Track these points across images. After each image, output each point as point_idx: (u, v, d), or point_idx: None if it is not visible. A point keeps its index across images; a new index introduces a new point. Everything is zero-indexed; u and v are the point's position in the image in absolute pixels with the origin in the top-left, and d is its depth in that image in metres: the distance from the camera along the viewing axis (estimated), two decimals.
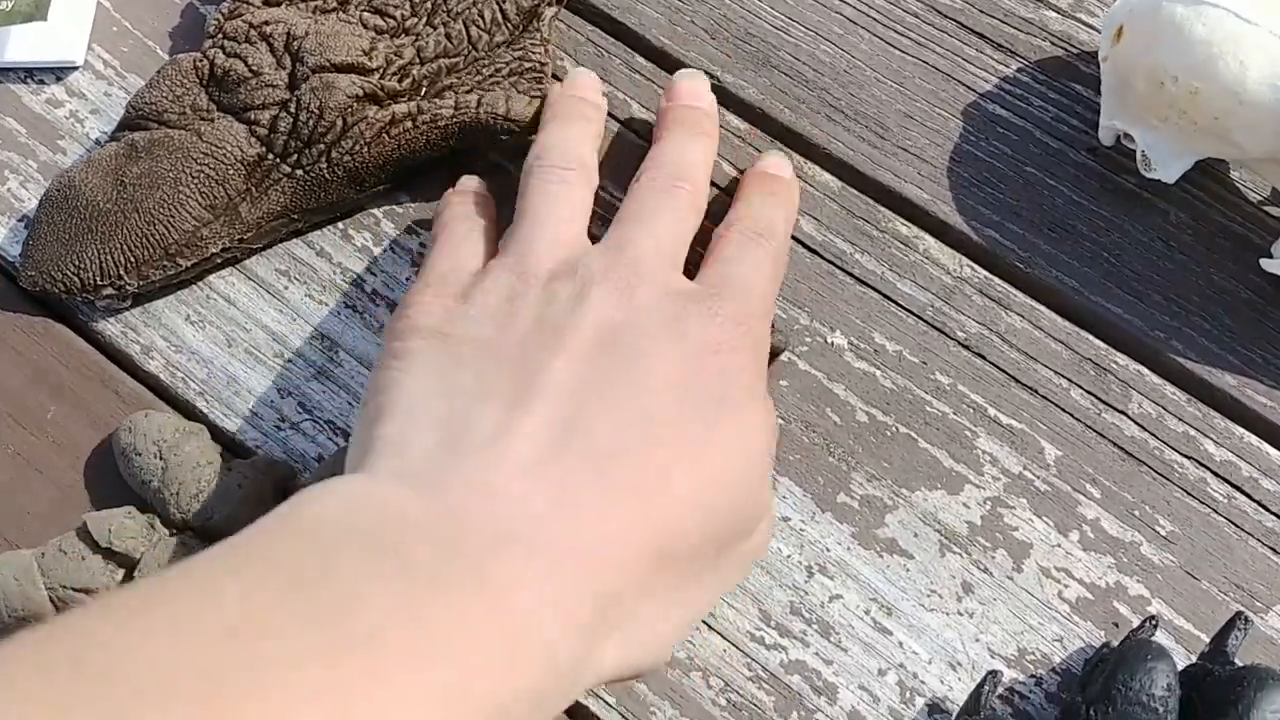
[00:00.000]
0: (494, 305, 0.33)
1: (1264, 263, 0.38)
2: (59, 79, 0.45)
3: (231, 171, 0.40)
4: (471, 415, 0.30)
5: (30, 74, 0.45)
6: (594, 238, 0.36)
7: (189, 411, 0.40)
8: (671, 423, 0.31)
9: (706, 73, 0.43)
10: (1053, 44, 0.43)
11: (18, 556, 0.36)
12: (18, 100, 0.45)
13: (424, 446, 0.30)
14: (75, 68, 0.45)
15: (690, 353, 0.32)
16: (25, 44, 0.45)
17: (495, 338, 0.32)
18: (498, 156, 0.42)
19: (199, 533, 0.37)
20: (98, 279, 0.40)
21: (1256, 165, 0.38)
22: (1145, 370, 0.38)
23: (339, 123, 0.40)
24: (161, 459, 0.38)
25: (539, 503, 0.29)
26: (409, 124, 0.40)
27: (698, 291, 0.34)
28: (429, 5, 0.42)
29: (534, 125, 0.40)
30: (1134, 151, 0.39)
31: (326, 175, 0.40)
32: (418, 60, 0.41)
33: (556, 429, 0.30)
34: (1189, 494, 0.36)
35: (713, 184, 0.40)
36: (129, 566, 0.37)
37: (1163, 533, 0.36)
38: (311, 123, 0.40)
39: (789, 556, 0.37)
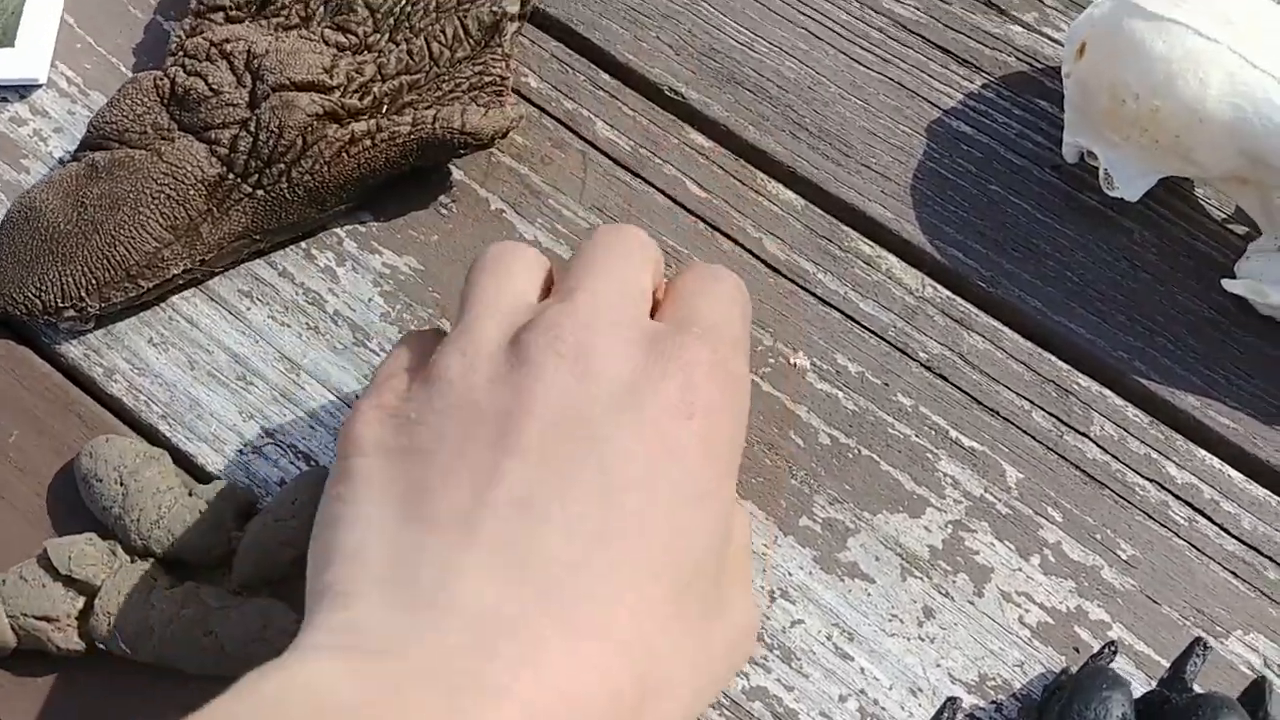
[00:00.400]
0: (438, 396, 0.30)
1: (1226, 283, 0.38)
2: (22, 97, 0.45)
3: (192, 192, 0.40)
4: (416, 554, 0.28)
5: None
6: None
7: (152, 435, 0.40)
8: (635, 533, 0.28)
9: (671, 89, 0.43)
10: (1018, 59, 0.42)
11: None
12: None
13: (369, 601, 0.27)
14: (38, 86, 0.45)
15: (660, 420, 0.29)
16: None
17: (438, 443, 0.29)
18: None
19: (160, 559, 0.37)
20: (59, 301, 0.40)
21: (1219, 184, 0.38)
22: (1108, 392, 0.38)
23: (299, 142, 0.40)
24: (122, 485, 0.37)
25: (487, 666, 0.26)
26: (368, 142, 0.40)
27: (663, 334, 0.30)
28: (391, 22, 0.42)
29: (492, 137, 0.40)
30: (1098, 169, 0.39)
31: (287, 195, 0.40)
32: (379, 77, 0.41)
33: (511, 557, 0.27)
34: (1150, 517, 0.36)
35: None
36: (89, 594, 0.36)
37: (1124, 556, 0.36)
38: (271, 142, 0.40)
39: (751, 581, 0.36)
